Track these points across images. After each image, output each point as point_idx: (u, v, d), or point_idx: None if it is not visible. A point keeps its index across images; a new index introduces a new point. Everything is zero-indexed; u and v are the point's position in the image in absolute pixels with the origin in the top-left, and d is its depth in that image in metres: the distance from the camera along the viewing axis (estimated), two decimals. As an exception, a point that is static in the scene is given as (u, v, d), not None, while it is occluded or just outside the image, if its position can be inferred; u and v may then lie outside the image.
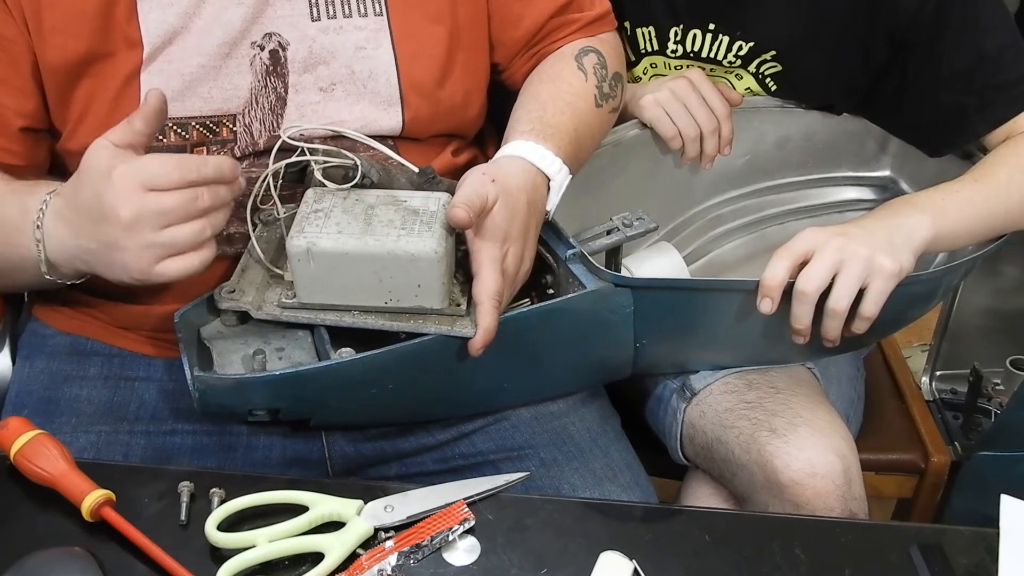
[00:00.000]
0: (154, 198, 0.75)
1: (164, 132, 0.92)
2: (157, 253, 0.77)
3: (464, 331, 0.85)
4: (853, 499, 0.97)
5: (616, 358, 0.99)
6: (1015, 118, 1.06)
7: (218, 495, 0.79)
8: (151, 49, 0.90)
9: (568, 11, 1.06)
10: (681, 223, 1.25)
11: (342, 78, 0.96)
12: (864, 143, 1.24)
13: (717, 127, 1.14)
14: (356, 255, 0.83)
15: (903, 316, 1.04)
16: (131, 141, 0.78)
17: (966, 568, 0.78)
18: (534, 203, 0.90)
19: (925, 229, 0.95)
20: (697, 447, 1.07)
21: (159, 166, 0.76)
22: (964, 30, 1.06)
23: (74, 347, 1.02)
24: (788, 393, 1.03)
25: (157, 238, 0.76)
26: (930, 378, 1.47)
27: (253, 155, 0.95)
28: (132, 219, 0.75)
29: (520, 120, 0.96)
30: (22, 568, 0.71)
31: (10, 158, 0.92)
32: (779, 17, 1.13)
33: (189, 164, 0.76)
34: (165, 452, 0.96)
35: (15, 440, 0.78)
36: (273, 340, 0.91)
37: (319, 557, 0.74)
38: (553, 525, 0.79)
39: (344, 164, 0.90)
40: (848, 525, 0.86)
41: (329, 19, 0.96)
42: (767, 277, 0.90)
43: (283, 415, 0.88)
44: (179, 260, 0.78)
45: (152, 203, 0.75)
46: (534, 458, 0.98)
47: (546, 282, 0.98)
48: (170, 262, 0.77)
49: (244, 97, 0.94)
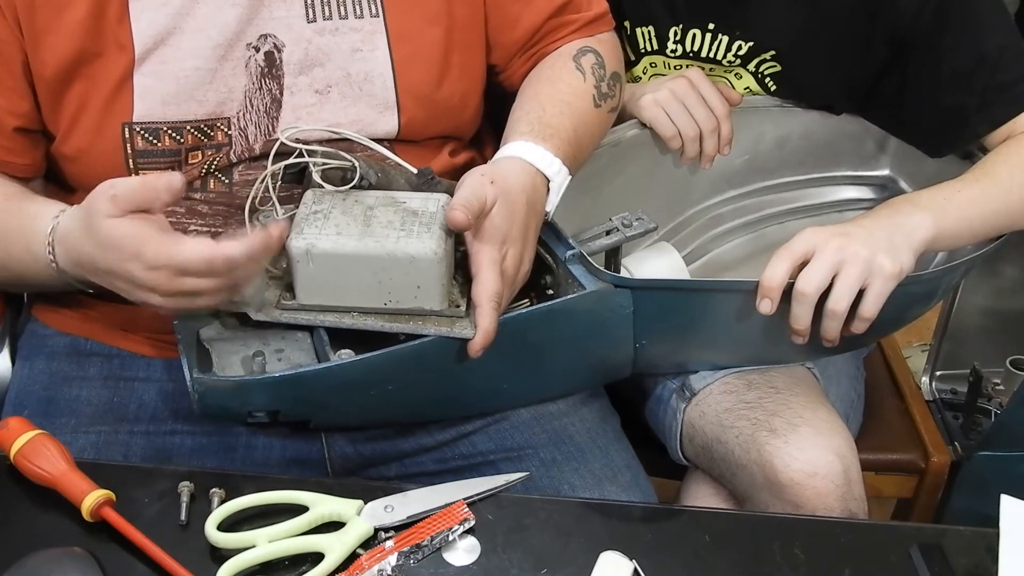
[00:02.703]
0: (187, 282, 0.77)
1: (159, 136, 0.92)
2: (183, 304, 0.80)
3: (463, 332, 0.85)
4: (853, 499, 0.97)
5: (616, 358, 0.99)
6: (1015, 118, 1.06)
7: (218, 495, 0.79)
8: (143, 50, 0.90)
9: (566, 12, 1.06)
10: (680, 223, 1.25)
11: (338, 80, 0.96)
12: (863, 142, 1.24)
13: (716, 126, 1.14)
14: (355, 256, 0.83)
15: (903, 316, 1.04)
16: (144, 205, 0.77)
17: (966, 568, 0.78)
18: (533, 204, 0.90)
19: (925, 228, 0.95)
20: (697, 447, 1.07)
21: (189, 259, 0.75)
22: (964, 30, 1.06)
23: (74, 347, 1.02)
24: (788, 393, 1.03)
25: (190, 304, 0.80)
26: (930, 378, 1.46)
27: (249, 159, 0.95)
28: (166, 297, 0.78)
29: (519, 121, 0.96)
30: (22, 568, 0.71)
31: (7, 155, 0.92)
32: (779, 17, 1.13)
33: (216, 263, 0.76)
34: (165, 452, 0.95)
35: (15, 440, 0.78)
36: (272, 342, 0.91)
37: (319, 557, 0.74)
38: (553, 525, 0.79)
39: (342, 166, 0.90)
40: (848, 525, 0.86)
41: (325, 20, 0.96)
42: (767, 277, 0.90)
43: (283, 417, 0.88)
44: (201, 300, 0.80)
45: (188, 284, 0.77)
46: (534, 458, 0.98)
47: (545, 283, 0.98)
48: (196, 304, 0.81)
49: (239, 100, 0.94)
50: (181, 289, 0.77)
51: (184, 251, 0.75)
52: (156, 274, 0.76)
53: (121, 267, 0.77)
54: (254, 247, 0.76)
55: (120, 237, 0.76)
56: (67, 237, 0.82)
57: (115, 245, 0.76)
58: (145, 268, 0.76)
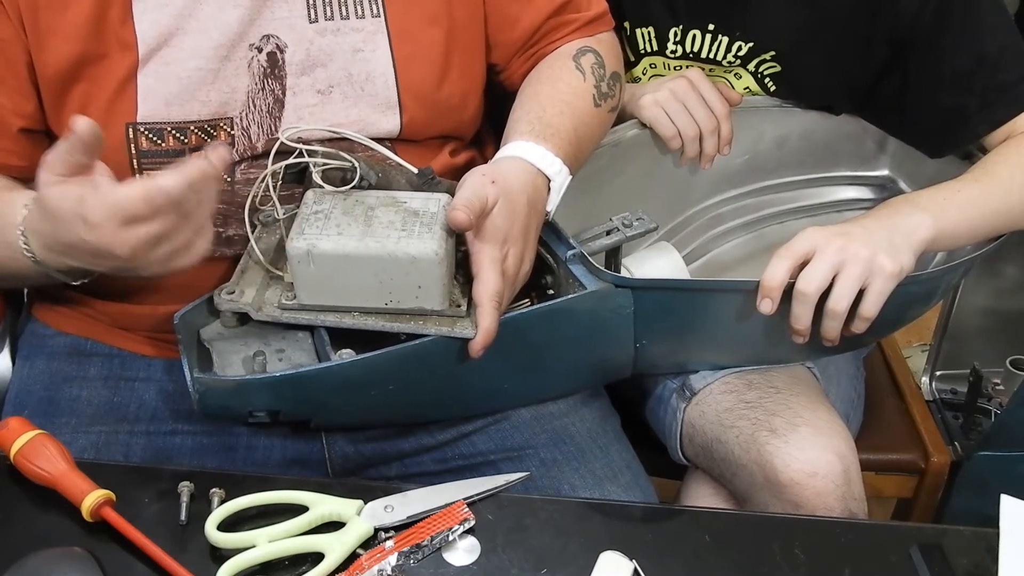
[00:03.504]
0: (140, 229, 0.73)
1: (163, 136, 0.92)
2: (163, 262, 0.76)
3: (464, 332, 0.85)
4: (853, 499, 0.97)
5: (616, 358, 0.99)
6: (1015, 118, 1.06)
7: (218, 495, 0.79)
8: (146, 51, 0.90)
9: (565, 12, 1.06)
10: (680, 223, 1.26)
11: (340, 80, 0.96)
12: (863, 142, 1.24)
13: (716, 127, 1.14)
14: (356, 256, 0.83)
15: (903, 316, 1.04)
16: (73, 169, 0.74)
17: (966, 568, 0.78)
18: (534, 204, 0.90)
19: (926, 228, 0.95)
20: (697, 447, 1.07)
21: (129, 202, 0.72)
22: (964, 31, 1.06)
23: (74, 347, 1.02)
24: (788, 393, 1.03)
25: (159, 253, 0.75)
26: (930, 378, 1.47)
27: (251, 158, 0.95)
28: (130, 253, 0.74)
29: (519, 121, 0.96)
30: (22, 568, 0.71)
31: (11, 158, 0.92)
32: (779, 17, 1.13)
33: (156, 199, 0.72)
34: (165, 452, 0.96)
35: (15, 440, 0.78)
36: (273, 341, 0.91)
37: (319, 557, 0.74)
38: (553, 525, 0.79)
39: (342, 166, 0.90)
40: (848, 525, 0.86)
41: (327, 20, 0.96)
42: (767, 277, 0.90)
43: (283, 416, 0.88)
44: (187, 255, 0.76)
45: (140, 233, 0.73)
46: (534, 458, 0.98)
47: (546, 283, 0.98)
48: (179, 259, 0.76)
49: (241, 100, 0.94)
50: (138, 240, 0.73)
51: (118, 196, 0.72)
52: (103, 231, 0.72)
53: (73, 235, 0.74)
54: (190, 172, 0.72)
55: (59, 201, 0.74)
56: (32, 222, 0.80)
57: (58, 212, 0.74)
58: (90, 228, 0.72)
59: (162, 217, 0.73)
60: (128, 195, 0.72)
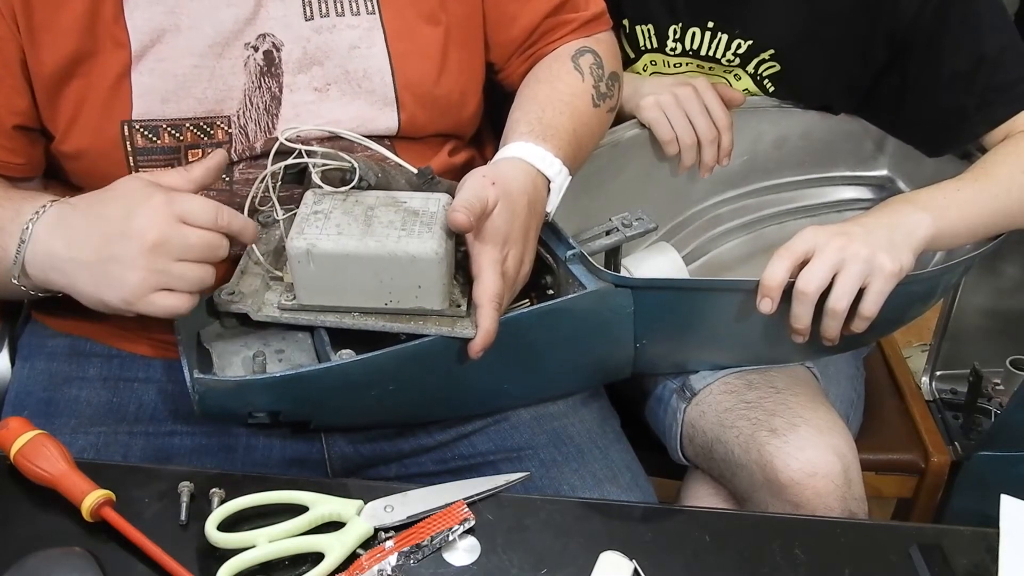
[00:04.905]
0: (184, 231, 0.79)
1: (158, 133, 0.92)
2: (161, 281, 0.79)
3: (464, 332, 0.85)
4: (853, 499, 0.97)
5: (616, 358, 0.99)
6: (1014, 117, 1.06)
7: (218, 495, 0.79)
8: (139, 48, 0.90)
9: (563, 11, 1.06)
10: (680, 223, 1.26)
11: (337, 78, 0.96)
12: (862, 143, 1.24)
13: (716, 137, 1.14)
14: (356, 256, 0.83)
15: (902, 315, 1.05)
16: (178, 186, 0.82)
17: (966, 568, 0.78)
18: (534, 205, 0.90)
19: (925, 228, 0.95)
20: (697, 447, 1.07)
21: (199, 204, 0.80)
22: (964, 31, 1.06)
23: (74, 348, 1.02)
24: (788, 393, 1.03)
25: (170, 268, 0.79)
26: (930, 378, 1.47)
27: (250, 158, 0.95)
28: (157, 243, 0.78)
29: (519, 121, 0.96)
30: (22, 568, 0.71)
31: (6, 155, 0.92)
32: (778, 16, 1.13)
33: (224, 212, 0.80)
34: (165, 453, 0.95)
35: (15, 440, 0.78)
36: (273, 342, 0.91)
37: (319, 557, 0.74)
38: (553, 525, 0.79)
39: (342, 166, 0.90)
40: (848, 525, 0.86)
41: (322, 18, 0.96)
42: (767, 277, 0.90)
43: (283, 417, 0.88)
44: (172, 297, 0.80)
45: (180, 234, 0.79)
46: (534, 459, 0.98)
47: (546, 283, 0.98)
48: (164, 296, 0.80)
49: (238, 98, 0.94)
50: (183, 241, 0.79)
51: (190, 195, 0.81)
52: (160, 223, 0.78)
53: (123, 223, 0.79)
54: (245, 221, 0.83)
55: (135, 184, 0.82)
56: (56, 216, 0.83)
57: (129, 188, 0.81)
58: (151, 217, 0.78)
59: (208, 234, 0.79)
60: (201, 198, 0.81)
